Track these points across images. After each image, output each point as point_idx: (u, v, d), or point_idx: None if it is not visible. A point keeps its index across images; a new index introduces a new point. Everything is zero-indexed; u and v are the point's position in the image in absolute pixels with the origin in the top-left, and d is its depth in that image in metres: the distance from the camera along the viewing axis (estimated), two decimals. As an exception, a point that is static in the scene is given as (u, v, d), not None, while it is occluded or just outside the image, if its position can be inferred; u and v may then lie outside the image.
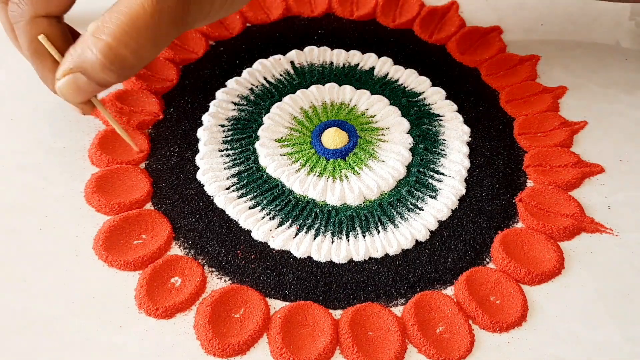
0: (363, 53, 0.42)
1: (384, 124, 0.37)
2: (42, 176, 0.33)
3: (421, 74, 0.41)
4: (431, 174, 0.35)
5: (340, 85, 0.39)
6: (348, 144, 0.36)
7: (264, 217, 0.32)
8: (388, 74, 0.41)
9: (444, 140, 0.37)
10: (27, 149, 0.34)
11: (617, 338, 0.29)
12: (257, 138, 0.36)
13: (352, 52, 0.42)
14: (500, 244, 0.31)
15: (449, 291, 0.30)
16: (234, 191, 0.33)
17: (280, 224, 0.32)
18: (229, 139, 0.36)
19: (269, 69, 0.40)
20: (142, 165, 0.34)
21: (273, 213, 0.32)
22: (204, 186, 0.33)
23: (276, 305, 0.29)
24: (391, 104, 0.39)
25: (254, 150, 0.35)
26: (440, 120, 0.38)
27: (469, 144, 0.37)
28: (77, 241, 0.31)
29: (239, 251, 0.31)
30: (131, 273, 0.30)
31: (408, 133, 0.37)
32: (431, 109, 0.39)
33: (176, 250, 0.31)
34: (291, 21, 0.44)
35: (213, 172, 0.34)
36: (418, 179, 0.35)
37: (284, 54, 0.41)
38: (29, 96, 0.36)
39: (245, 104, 0.38)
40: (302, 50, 0.41)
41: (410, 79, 0.40)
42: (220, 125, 0.37)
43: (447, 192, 0.34)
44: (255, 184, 0.34)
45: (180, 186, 0.33)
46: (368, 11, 0.45)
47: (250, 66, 0.40)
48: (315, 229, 0.32)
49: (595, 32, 0.45)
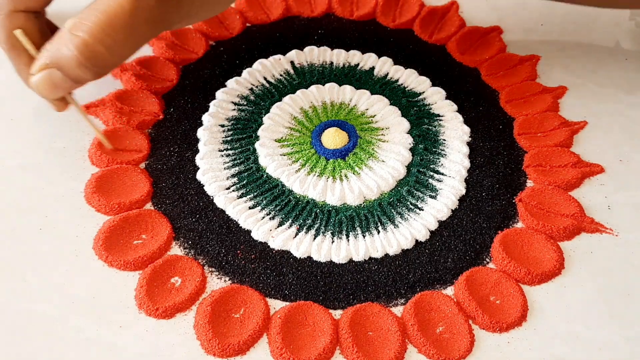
0: (363, 53, 0.42)
1: (384, 124, 0.37)
2: (42, 176, 0.33)
3: (421, 74, 0.41)
4: (431, 174, 0.35)
5: (340, 85, 0.39)
6: (348, 144, 0.36)
7: (264, 217, 0.32)
8: (388, 74, 0.41)
9: (444, 140, 0.37)
10: (27, 149, 0.34)
11: (617, 338, 0.29)
12: (257, 138, 0.36)
13: (352, 52, 0.42)
14: (500, 244, 0.31)
15: (449, 291, 0.30)
16: (234, 191, 0.33)
17: (280, 224, 0.32)
18: (229, 139, 0.36)
19: (269, 69, 0.40)
20: (142, 165, 0.34)
21: (273, 213, 0.32)
22: (204, 186, 0.33)
23: (276, 305, 0.29)
24: (391, 104, 0.39)
25: (254, 150, 0.35)
26: (440, 120, 0.38)
27: (469, 144, 0.37)
28: (77, 241, 0.31)
29: (239, 251, 0.31)
30: (131, 273, 0.30)
31: (408, 133, 0.37)
32: (431, 109, 0.39)
33: (176, 250, 0.31)
34: (291, 21, 0.44)
35: (213, 172, 0.34)
36: (418, 179, 0.35)
37: (284, 54, 0.41)
38: (29, 96, 0.36)
39: (245, 104, 0.38)
40: (302, 50, 0.41)
41: (410, 79, 0.40)
42: (220, 125, 0.37)
43: (447, 192, 0.34)
44: (255, 184, 0.34)
45: (180, 186, 0.33)
46: (368, 11, 0.45)
47: (250, 66, 0.40)
48: (315, 229, 0.32)
49: (595, 32, 0.45)
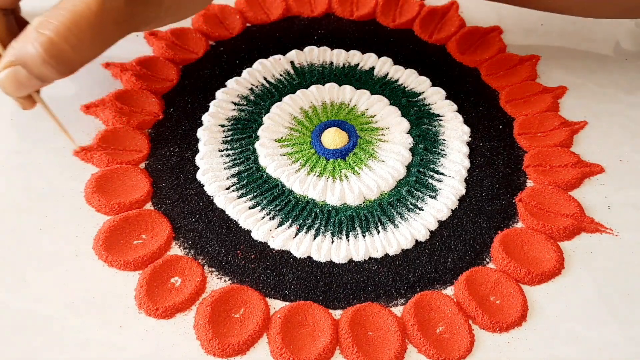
0: (363, 53, 0.42)
1: (384, 124, 0.37)
2: (42, 176, 0.33)
3: (421, 74, 0.41)
4: (431, 174, 0.35)
5: (340, 85, 0.39)
6: (348, 144, 0.36)
7: (264, 217, 0.32)
8: (388, 74, 0.41)
9: (444, 140, 0.37)
10: (27, 149, 0.34)
11: (617, 338, 0.29)
12: (257, 138, 0.36)
13: (352, 52, 0.42)
14: (500, 244, 0.31)
15: (449, 291, 0.30)
16: (234, 191, 0.33)
17: (280, 224, 0.32)
18: (229, 139, 0.36)
19: (269, 69, 0.40)
20: (142, 165, 0.34)
21: (273, 213, 0.32)
22: (204, 186, 0.33)
23: (276, 305, 0.29)
24: (391, 104, 0.39)
25: (254, 150, 0.35)
26: (440, 120, 0.38)
27: (469, 144, 0.37)
28: (77, 241, 0.31)
29: (239, 251, 0.31)
30: (131, 273, 0.30)
31: (408, 133, 0.37)
32: (431, 109, 0.39)
33: (176, 250, 0.31)
34: (291, 21, 0.44)
35: (213, 172, 0.34)
36: (418, 179, 0.35)
37: (284, 54, 0.41)
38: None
39: (245, 104, 0.38)
40: (302, 50, 0.41)
41: (410, 79, 0.40)
42: (220, 125, 0.37)
43: (447, 192, 0.34)
44: (255, 184, 0.34)
45: (180, 186, 0.33)
46: (368, 11, 0.45)
47: (250, 66, 0.40)
48: (315, 229, 0.32)
49: (595, 32, 0.45)
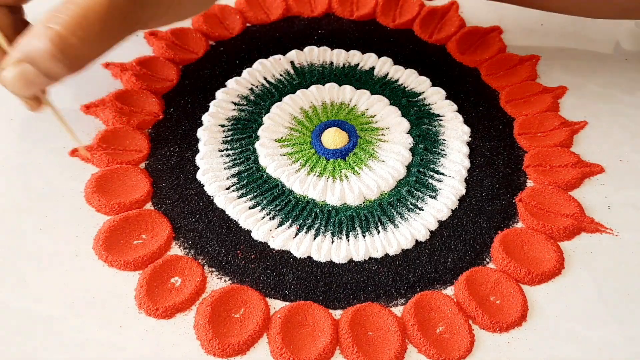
0: (363, 53, 0.42)
1: (384, 124, 0.37)
2: (42, 176, 0.33)
3: (421, 74, 0.41)
4: (431, 174, 0.35)
5: (340, 85, 0.39)
6: (348, 144, 0.36)
7: (264, 217, 0.32)
8: (388, 74, 0.41)
9: (444, 140, 0.37)
10: (27, 149, 0.34)
11: (617, 338, 0.29)
12: (257, 138, 0.36)
13: (352, 52, 0.42)
14: (500, 244, 0.31)
15: (449, 291, 0.30)
16: (234, 191, 0.33)
17: (280, 224, 0.32)
18: (229, 139, 0.36)
19: (269, 69, 0.40)
20: (142, 165, 0.34)
21: (273, 213, 0.32)
22: (204, 186, 0.33)
23: (276, 305, 0.29)
24: (391, 104, 0.39)
25: (254, 150, 0.35)
26: (440, 120, 0.38)
27: (469, 144, 0.37)
28: (77, 241, 0.31)
29: (239, 251, 0.31)
30: (131, 273, 0.30)
31: (408, 133, 0.37)
32: (431, 109, 0.39)
33: (176, 250, 0.31)
34: (291, 21, 0.44)
35: (213, 172, 0.34)
36: (418, 179, 0.35)
37: (284, 54, 0.41)
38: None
39: (245, 104, 0.38)
40: (302, 50, 0.41)
41: (410, 79, 0.40)
42: (220, 125, 0.37)
43: (447, 192, 0.34)
44: (255, 184, 0.34)
45: (180, 186, 0.33)
46: (368, 11, 0.45)
47: (250, 66, 0.40)
48: (315, 229, 0.32)
49: (595, 32, 0.45)
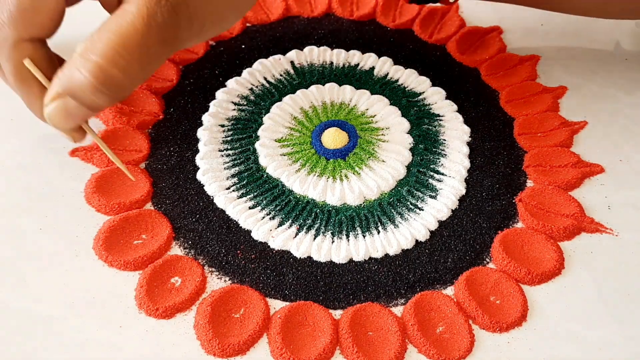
0: (363, 53, 0.42)
1: (384, 124, 0.37)
2: (42, 176, 0.33)
3: (421, 74, 0.41)
4: (431, 174, 0.35)
5: (340, 85, 0.39)
6: (348, 144, 0.36)
7: (264, 217, 0.32)
8: (388, 74, 0.41)
9: (444, 140, 0.37)
10: (27, 149, 0.34)
11: (617, 338, 0.29)
12: (257, 138, 0.36)
13: (352, 52, 0.42)
14: (500, 244, 0.31)
15: (449, 291, 0.30)
16: (234, 191, 0.33)
17: (280, 224, 0.32)
18: (229, 139, 0.36)
19: (269, 69, 0.40)
20: (142, 165, 0.34)
21: (273, 213, 0.32)
22: (204, 186, 0.33)
23: (276, 305, 0.29)
24: (391, 104, 0.39)
25: (254, 150, 0.35)
26: (440, 120, 0.38)
27: (469, 144, 0.37)
28: (77, 241, 0.31)
29: (239, 251, 0.31)
30: (131, 273, 0.30)
31: (408, 133, 0.37)
32: (431, 109, 0.39)
33: (176, 250, 0.31)
34: (291, 21, 0.44)
35: (213, 172, 0.34)
36: (418, 179, 0.35)
37: (284, 54, 0.41)
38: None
39: (245, 104, 0.38)
40: (302, 50, 0.41)
41: (410, 79, 0.40)
42: (220, 125, 0.37)
43: (447, 192, 0.34)
44: (256, 184, 0.34)
45: (180, 186, 0.33)
46: (368, 11, 0.45)
47: (250, 66, 0.40)
48: (315, 229, 0.32)
49: (595, 32, 0.45)
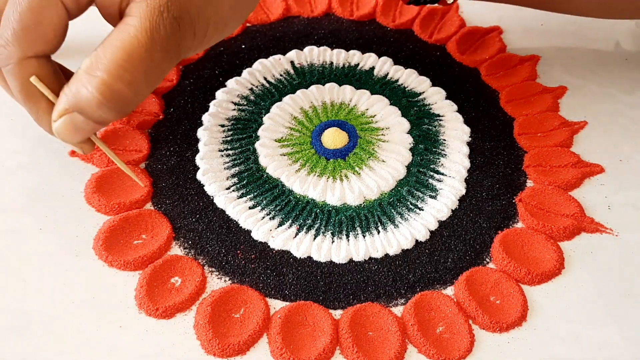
0: (363, 53, 0.42)
1: (384, 124, 0.37)
2: (42, 176, 0.33)
3: (421, 74, 0.41)
4: (431, 174, 0.35)
5: (340, 85, 0.39)
6: (348, 144, 0.36)
7: (264, 217, 0.32)
8: (388, 74, 0.41)
9: (444, 140, 0.37)
10: (27, 149, 0.34)
11: (617, 338, 0.29)
12: (257, 138, 0.36)
13: (352, 52, 0.42)
14: (500, 244, 0.31)
15: (449, 291, 0.30)
16: (234, 191, 0.33)
17: (280, 224, 0.32)
18: (229, 139, 0.36)
19: (269, 69, 0.40)
20: (142, 165, 0.34)
21: (273, 213, 0.32)
22: (204, 186, 0.33)
23: (276, 305, 0.29)
24: (391, 104, 0.39)
25: (254, 150, 0.35)
26: (440, 120, 0.38)
27: (469, 144, 0.37)
28: (77, 241, 0.31)
29: (239, 251, 0.31)
30: (131, 273, 0.30)
31: (408, 133, 0.37)
32: (431, 109, 0.39)
33: (176, 250, 0.31)
34: (291, 21, 0.44)
35: (213, 172, 0.34)
36: (418, 179, 0.35)
37: (284, 54, 0.41)
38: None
39: (245, 104, 0.38)
40: (302, 50, 0.41)
41: (410, 79, 0.40)
42: (220, 125, 0.37)
43: (447, 192, 0.34)
44: (256, 184, 0.34)
45: (180, 186, 0.33)
46: (368, 11, 0.45)
47: (250, 66, 0.40)
48: (315, 229, 0.32)
49: (595, 32, 0.45)
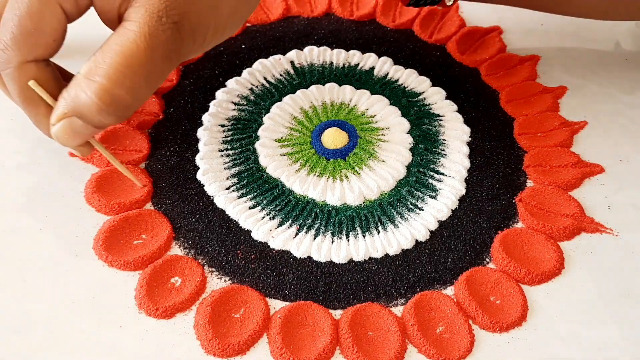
0: (363, 53, 0.42)
1: (384, 124, 0.37)
2: (42, 176, 0.33)
3: (421, 74, 0.41)
4: (431, 174, 0.35)
5: (340, 85, 0.39)
6: (348, 144, 0.36)
7: (264, 217, 0.32)
8: (388, 74, 0.41)
9: (444, 140, 0.37)
10: (27, 149, 0.34)
11: (617, 338, 0.29)
12: (257, 138, 0.36)
13: (352, 52, 0.42)
14: (500, 244, 0.31)
15: (449, 291, 0.30)
16: (234, 191, 0.33)
17: (280, 224, 0.32)
18: (229, 139, 0.36)
19: (269, 69, 0.40)
20: (142, 165, 0.34)
21: (273, 213, 0.32)
22: (204, 186, 0.33)
23: (276, 305, 0.29)
24: (391, 104, 0.39)
25: (254, 150, 0.35)
26: (440, 120, 0.38)
27: (469, 144, 0.37)
28: (77, 241, 0.31)
29: (239, 251, 0.31)
30: (131, 273, 0.30)
31: (408, 133, 0.37)
32: (431, 109, 0.39)
33: (176, 250, 0.31)
34: (291, 21, 0.44)
35: (213, 172, 0.34)
36: (418, 179, 0.35)
37: (284, 54, 0.41)
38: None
39: (245, 104, 0.38)
40: (302, 50, 0.41)
41: (410, 79, 0.40)
42: (220, 125, 0.37)
43: (447, 192, 0.34)
44: (256, 184, 0.34)
45: (180, 186, 0.33)
46: (368, 11, 0.45)
47: (250, 66, 0.40)
48: (315, 229, 0.32)
49: (595, 32, 0.45)
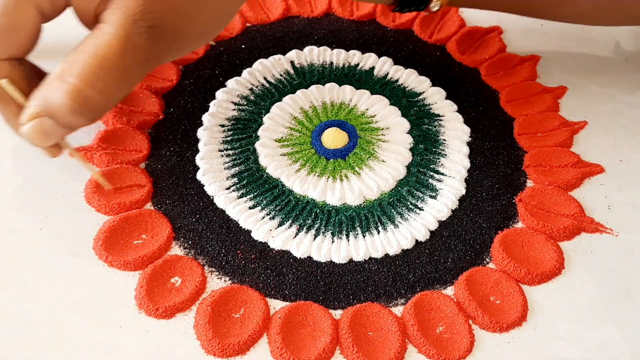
0: (363, 53, 0.42)
1: (384, 124, 0.37)
2: (42, 176, 0.33)
3: (421, 74, 0.41)
4: (431, 174, 0.35)
5: (340, 85, 0.39)
6: (348, 144, 0.36)
7: (264, 217, 0.32)
8: (388, 74, 0.41)
9: (444, 140, 0.37)
10: (27, 149, 0.34)
11: (617, 338, 0.29)
12: (257, 138, 0.36)
13: (352, 52, 0.42)
14: (500, 244, 0.31)
15: (449, 291, 0.30)
16: (234, 191, 0.33)
17: (280, 224, 0.32)
18: (229, 139, 0.36)
19: (269, 69, 0.40)
20: (142, 165, 0.34)
21: (273, 213, 0.32)
22: (204, 186, 0.33)
23: (276, 305, 0.29)
24: (391, 104, 0.39)
25: (254, 150, 0.35)
26: (440, 120, 0.38)
27: (469, 144, 0.37)
28: (77, 241, 0.31)
29: (239, 251, 0.31)
30: (131, 273, 0.30)
31: (408, 133, 0.37)
32: (431, 109, 0.39)
33: (176, 250, 0.31)
34: (291, 21, 0.44)
35: (213, 172, 0.34)
36: (418, 179, 0.35)
37: (284, 54, 0.41)
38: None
39: (245, 104, 0.38)
40: (302, 50, 0.41)
41: (410, 79, 0.40)
42: (220, 125, 0.37)
43: (447, 192, 0.34)
44: (256, 184, 0.34)
45: (180, 186, 0.33)
46: (368, 11, 0.45)
47: (250, 66, 0.40)
48: (315, 229, 0.32)
49: (595, 32, 0.45)
